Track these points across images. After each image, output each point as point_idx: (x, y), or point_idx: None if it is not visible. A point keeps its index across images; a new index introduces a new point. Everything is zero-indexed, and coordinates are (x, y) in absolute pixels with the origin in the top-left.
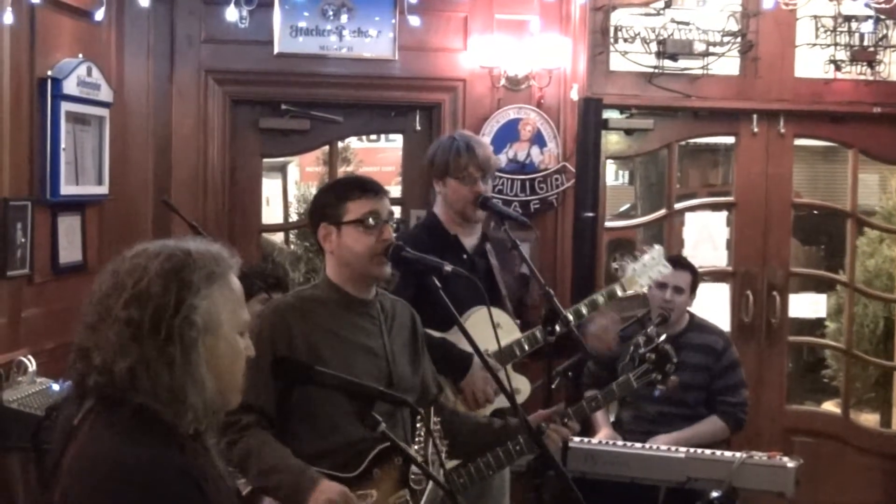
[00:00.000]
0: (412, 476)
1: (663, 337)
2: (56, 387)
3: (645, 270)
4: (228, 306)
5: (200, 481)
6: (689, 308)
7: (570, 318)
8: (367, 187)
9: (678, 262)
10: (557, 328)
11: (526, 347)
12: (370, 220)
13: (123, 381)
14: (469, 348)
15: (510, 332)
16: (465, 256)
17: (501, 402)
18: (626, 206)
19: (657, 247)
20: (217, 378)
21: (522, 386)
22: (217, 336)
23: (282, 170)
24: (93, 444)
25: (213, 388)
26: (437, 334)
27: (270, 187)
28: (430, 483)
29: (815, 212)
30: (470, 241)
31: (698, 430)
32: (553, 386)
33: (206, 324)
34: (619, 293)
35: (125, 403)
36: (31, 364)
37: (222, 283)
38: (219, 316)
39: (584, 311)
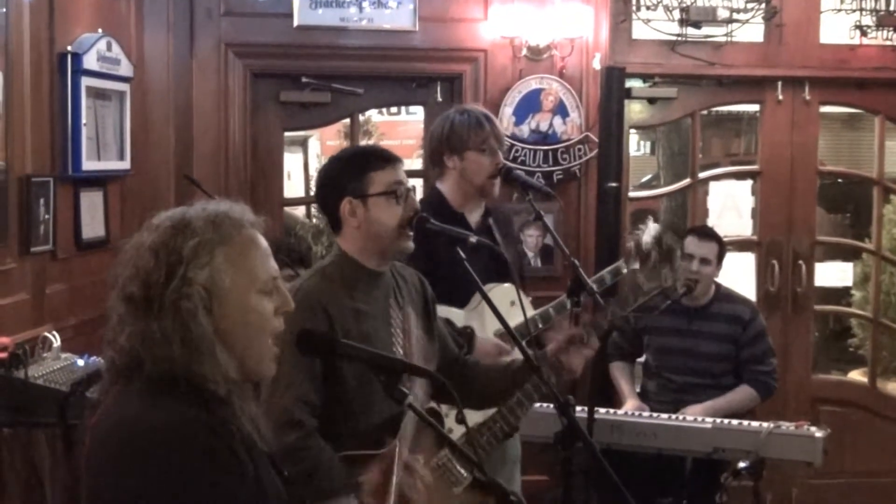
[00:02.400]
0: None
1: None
2: (81, 362)
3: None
4: (235, 270)
5: (230, 440)
6: (715, 278)
7: (595, 288)
8: (388, 157)
9: (704, 232)
10: (583, 299)
11: (540, 325)
12: (399, 189)
13: (127, 354)
14: (472, 325)
15: (526, 308)
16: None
17: None
18: (649, 177)
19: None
20: (236, 345)
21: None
22: (226, 303)
23: (303, 144)
24: (116, 410)
25: (232, 356)
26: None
27: (291, 161)
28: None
29: (841, 180)
30: (474, 217)
31: (731, 399)
32: None
33: (209, 293)
34: (624, 270)
35: (139, 373)
36: (56, 340)
37: (228, 247)
38: (223, 283)
39: (608, 279)
